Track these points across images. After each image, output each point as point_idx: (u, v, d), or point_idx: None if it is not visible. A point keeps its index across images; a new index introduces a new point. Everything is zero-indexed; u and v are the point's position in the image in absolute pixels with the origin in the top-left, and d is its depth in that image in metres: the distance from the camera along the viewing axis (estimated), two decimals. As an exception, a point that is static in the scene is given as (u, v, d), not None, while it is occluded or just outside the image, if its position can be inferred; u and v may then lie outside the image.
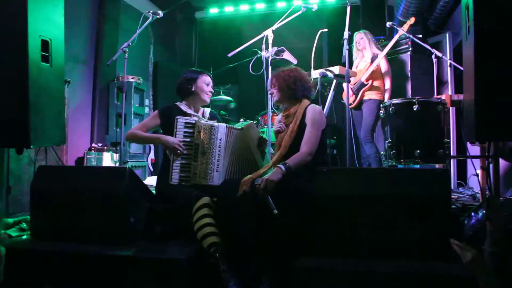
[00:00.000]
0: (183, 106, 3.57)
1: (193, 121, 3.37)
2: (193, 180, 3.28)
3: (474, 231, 1.94)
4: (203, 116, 3.66)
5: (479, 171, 3.79)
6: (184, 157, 3.33)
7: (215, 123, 3.40)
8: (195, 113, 3.57)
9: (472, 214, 2.01)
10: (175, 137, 3.34)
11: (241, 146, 3.47)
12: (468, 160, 5.01)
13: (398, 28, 5.02)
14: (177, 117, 3.37)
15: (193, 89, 3.56)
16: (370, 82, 4.95)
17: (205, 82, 3.59)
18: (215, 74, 5.38)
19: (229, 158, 3.40)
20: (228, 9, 8.22)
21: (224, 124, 3.42)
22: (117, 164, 5.50)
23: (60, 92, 3.50)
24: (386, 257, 2.58)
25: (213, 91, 3.66)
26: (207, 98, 3.61)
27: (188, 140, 3.35)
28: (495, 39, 2.55)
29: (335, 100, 5.17)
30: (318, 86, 4.35)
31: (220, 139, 3.35)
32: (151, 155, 6.74)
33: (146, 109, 6.78)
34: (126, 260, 2.78)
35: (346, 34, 4.17)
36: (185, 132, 3.36)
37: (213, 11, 8.38)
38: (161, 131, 3.55)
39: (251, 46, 4.61)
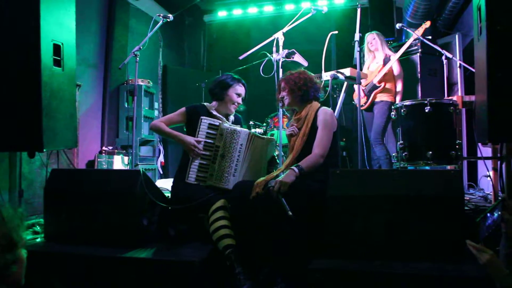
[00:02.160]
0: (211, 109, 3.57)
1: (217, 123, 3.39)
2: (209, 181, 3.30)
3: (490, 232, 1.93)
4: (227, 119, 3.65)
5: (490, 172, 3.77)
6: (204, 158, 3.35)
7: (238, 128, 3.42)
8: (220, 116, 3.56)
9: (488, 215, 2.00)
10: (197, 136, 3.35)
11: (256, 156, 3.46)
12: (479, 162, 4.98)
13: (412, 32, 4.99)
14: (202, 117, 3.39)
15: (223, 96, 3.55)
16: (382, 84, 4.92)
17: (237, 92, 3.58)
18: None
19: (247, 165, 3.40)
20: (237, 12, 8.22)
21: (246, 130, 3.44)
22: (128, 167, 5.52)
23: (71, 96, 3.52)
24: (400, 258, 2.58)
25: (241, 103, 3.65)
26: (232, 108, 3.60)
27: (210, 141, 3.37)
28: (508, 39, 2.54)
29: (345, 102, 5.15)
30: (329, 88, 4.34)
31: (241, 145, 3.37)
32: (161, 158, 6.77)
33: (156, 112, 6.81)
34: (140, 262, 2.80)
35: (357, 36, 4.16)
36: (207, 133, 3.38)
37: (222, 14, 8.37)
38: (185, 128, 3.57)
39: (261, 49, 4.60)
